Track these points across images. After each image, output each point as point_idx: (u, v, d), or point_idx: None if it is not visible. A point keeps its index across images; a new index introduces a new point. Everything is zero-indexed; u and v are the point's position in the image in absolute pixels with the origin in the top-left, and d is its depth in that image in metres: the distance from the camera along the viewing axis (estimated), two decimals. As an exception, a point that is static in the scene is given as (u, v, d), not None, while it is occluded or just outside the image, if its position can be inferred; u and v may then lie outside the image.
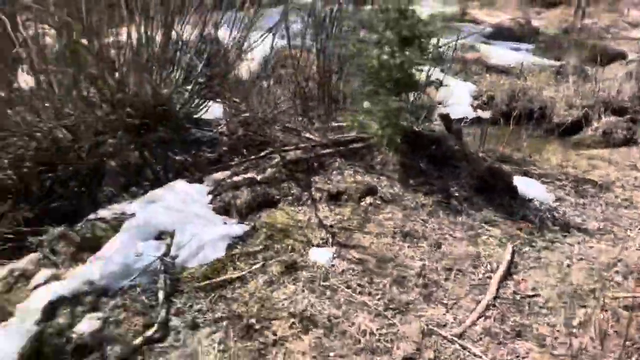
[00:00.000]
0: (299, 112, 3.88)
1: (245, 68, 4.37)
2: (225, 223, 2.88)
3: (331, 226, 2.89)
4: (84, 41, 3.12)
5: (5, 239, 2.64)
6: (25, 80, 3.21)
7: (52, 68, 3.11)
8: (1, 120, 2.91)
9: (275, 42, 4.10)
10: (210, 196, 3.08)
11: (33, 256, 2.53)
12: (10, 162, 2.94)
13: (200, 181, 3.21)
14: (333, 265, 2.61)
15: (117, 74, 3.33)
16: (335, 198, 3.11)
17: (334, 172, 3.33)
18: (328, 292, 2.43)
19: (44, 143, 3.05)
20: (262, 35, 4.05)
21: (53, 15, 3.00)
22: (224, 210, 2.99)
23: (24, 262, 2.47)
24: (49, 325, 2.02)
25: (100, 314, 2.12)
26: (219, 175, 3.28)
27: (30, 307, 2.13)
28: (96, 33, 3.17)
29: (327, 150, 3.45)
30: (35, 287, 2.30)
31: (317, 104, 3.87)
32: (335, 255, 2.67)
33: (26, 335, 1.97)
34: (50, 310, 2.11)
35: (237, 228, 2.83)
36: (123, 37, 3.40)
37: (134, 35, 3.31)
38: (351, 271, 2.58)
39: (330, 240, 2.77)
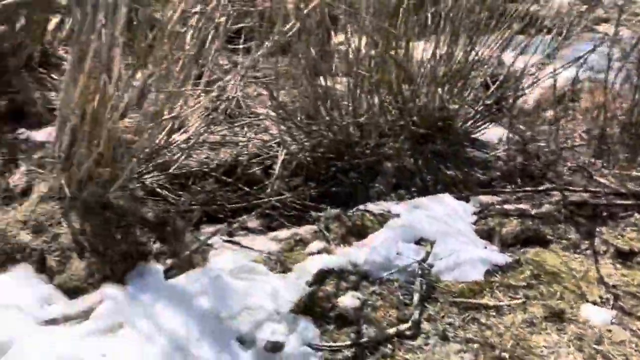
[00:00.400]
0: (593, 152, 3.45)
1: (537, 96, 4.12)
2: (485, 247, 2.77)
3: (614, 286, 2.47)
4: (392, 52, 3.42)
5: (293, 208, 3.08)
6: (335, 80, 3.71)
7: (360, 72, 3.49)
8: (314, 111, 3.42)
9: (579, 72, 3.73)
10: (475, 217, 3.00)
11: (310, 228, 2.88)
12: (311, 147, 3.43)
13: (467, 200, 3.16)
14: (610, 331, 2.22)
15: (412, 85, 3.55)
16: (624, 256, 2.65)
17: (628, 228, 2.84)
18: (599, 359, 2.07)
19: (338, 135, 3.45)
20: (564, 65, 3.75)
21: (371, 24, 3.36)
22: (487, 234, 2.87)
23: (303, 231, 2.84)
24: (320, 289, 2.26)
25: (360, 295, 2.28)
26: (487, 198, 3.18)
27: (305, 269, 2.43)
28: (404, 45, 3.45)
29: (623, 201, 2.97)
30: (310, 254, 2.61)
31: (619, 147, 3.37)
32: (614, 321, 2.27)
33: (301, 292, 2.24)
34: (320, 277, 2.36)
35: (498, 256, 2.68)
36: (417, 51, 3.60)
37: (438, 51, 3.46)
38: (634, 345, 2.15)
39: (612, 302, 2.37)
